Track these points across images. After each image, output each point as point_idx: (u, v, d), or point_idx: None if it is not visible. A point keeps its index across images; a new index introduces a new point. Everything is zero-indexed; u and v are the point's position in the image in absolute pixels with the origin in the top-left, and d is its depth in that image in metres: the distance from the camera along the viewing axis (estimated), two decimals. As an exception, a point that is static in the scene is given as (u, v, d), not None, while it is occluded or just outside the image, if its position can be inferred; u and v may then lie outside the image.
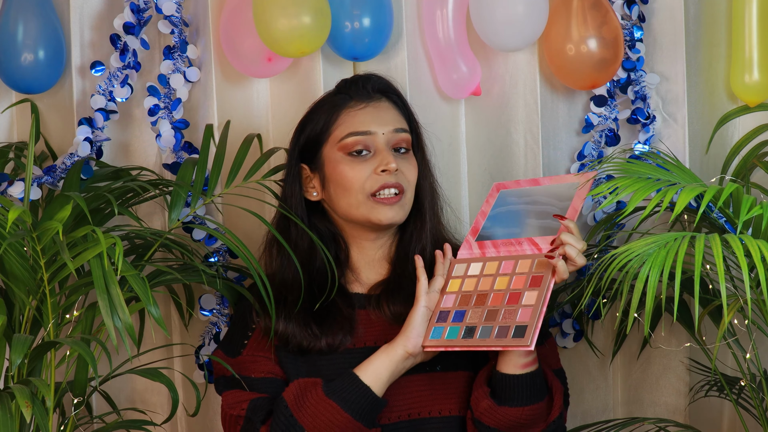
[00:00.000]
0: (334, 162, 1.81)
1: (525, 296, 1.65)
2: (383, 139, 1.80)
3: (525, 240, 1.73)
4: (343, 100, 1.84)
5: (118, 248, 1.60)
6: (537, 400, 1.69)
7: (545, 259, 1.66)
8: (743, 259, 1.48)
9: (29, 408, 1.56)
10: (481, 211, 1.83)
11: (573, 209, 1.71)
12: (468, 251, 1.79)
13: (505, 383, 1.69)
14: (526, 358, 1.68)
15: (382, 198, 1.78)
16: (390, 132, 1.81)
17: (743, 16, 2.11)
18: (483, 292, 1.70)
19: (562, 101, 2.19)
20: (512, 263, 1.71)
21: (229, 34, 2.06)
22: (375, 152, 1.80)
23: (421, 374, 1.76)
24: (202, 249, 2.08)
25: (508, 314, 1.64)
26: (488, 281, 1.71)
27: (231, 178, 1.95)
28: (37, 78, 2.09)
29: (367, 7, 2.05)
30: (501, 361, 1.70)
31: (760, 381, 1.96)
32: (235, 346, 1.81)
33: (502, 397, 1.69)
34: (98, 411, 2.10)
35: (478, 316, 1.67)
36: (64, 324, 1.83)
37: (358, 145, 1.79)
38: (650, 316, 1.52)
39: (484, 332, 1.65)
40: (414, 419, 1.75)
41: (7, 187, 2.00)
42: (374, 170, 1.79)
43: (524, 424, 1.69)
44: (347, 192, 1.80)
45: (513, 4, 2.03)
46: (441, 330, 1.70)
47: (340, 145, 1.80)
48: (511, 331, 1.62)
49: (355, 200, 1.79)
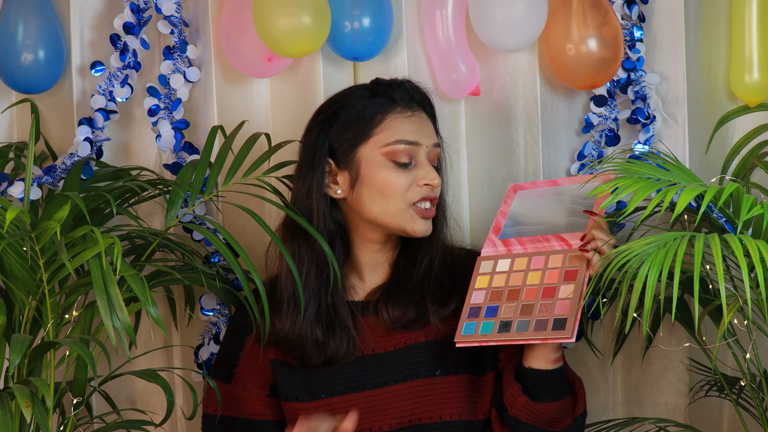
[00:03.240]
0: (374, 165, 1.77)
1: (560, 290, 1.68)
2: (425, 151, 1.80)
3: (553, 237, 1.75)
4: (388, 103, 1.80)
5: (117, 248, 1.60)
6: (566, 395, 1.71)
7: (578, 253, 1.69)
8: (742, 259, 1.48)
9: (29, 408, 1.55)
10: (500, 211, 1.86)
11: (598, 206, 1.75)
12: (492, 249, 1.80)
13: (539, 379, 1.69)
14: (556, 354, 1.69)
15: (424, 210, 1.78)
16: (431, 146, 1.81)
17: (743, 16, 2.11)
18: (515, 288, 1.72)
19: (562, 101, 2.19)
20: (543, 259, 1.74)
21: (229, 34, 2.06)
22: (417, 164, 1.78)
23: (420, 379, 1.76)
24: (203, 249, 2.08)
25: (544, 308, 1.67)
26: (519, 277, 1.74)
27: (230, 175, 1.94)
28: (37, 78, 2.09)
29: (367, 7, 2.05)
30: (530, 358, 1.70)
31: (760, 381, 1.96)
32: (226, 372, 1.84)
33: (535, 393, 1.69)
34: (98, 411, 2.10)
35: (512, 311, 1.69)
36: (63, 324, 1.83)
37: (405, 155, 1.77)
38: (650, 316, 1.52)
39: (520, 326, 1.66)
40: (415, 425, 1.75)
41: (7, 187, 2.00)
42: (416, 182, 1.77)
43: (557, 419, 1.70)
44: (386, 198, 1.77)
45: (513, 4, 2.03)
46: (474, 325, 1.70)
47: (386, 150, 1.77)
48: (551, 324, 1.64)
49: (394, 207, 1.77)
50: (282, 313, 1.78)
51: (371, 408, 1.75)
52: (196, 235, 2.05)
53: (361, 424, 1.75)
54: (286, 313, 1.77)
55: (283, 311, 1.78)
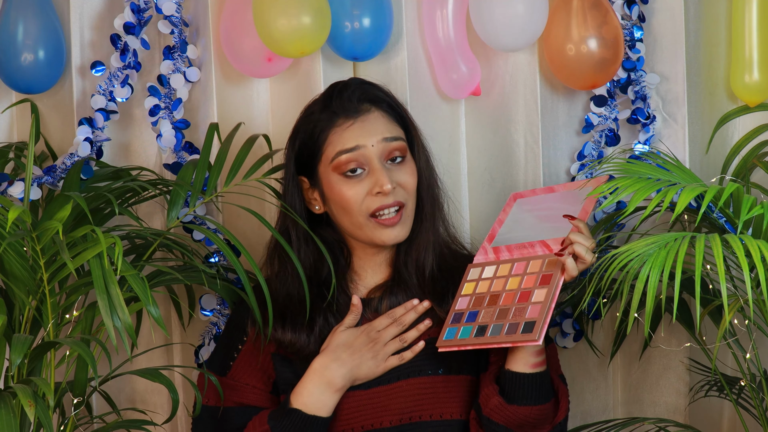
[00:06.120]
0: (330, 182, 1.78)
1: (535, 294, 1.69)
2: (374, 151, 1.77)
3: (537, 242, 1.76)
4: (330, 119, 1.79)
5: (118, 248, 1.60)
6: (544, 400, 1.70)
7: (555, 258, 1.70)
8: (744, 259, 1.48)
9: (32, 407, 1.55)
10: (498, 219, 1.87)
11: (584, 211, 1.74)
12: (483, 256, 1.82)
13: (515, 382, 1.69)
14: (536, 358, 1.69)
15: (384, 219, 1.77)
16: (379, 142, 1.77)
17: (743, 16, 2.11)
18: (496, 293, 1.74)
19: (562, 101, 2.19)
20: (524, 264, 1.75)
21: (229, 34, 2.06)
22: (369, 170, 1.77)
23: (422, 377, 1.77)
24: (203, 249, 2.08)
25: (518, 312, 1.68)
26: (501, 282, 1.75)
27: (231, 176, 1.95)
28: (37, 78, 2.09)
29: (367, 7, 2.05)
30: (511, 360, 1.71)
31: (760, 381, 1.96)
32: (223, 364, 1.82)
33: (511, 396, 1.69)
34: (98, 411, 2.09)
35: (489, 316, 1.70)
36: (63, 324, 1.83)
37: (350, 163, 1.76)
38: (650, 317, 1.52)
39: (494, 330, 1.68)
40: (415, 422, 1.75)
41: (7, 187, 1.99)
42: (369, 191, 1.76)
43: (532, 423, 1.70)
44: (347, 213, 1.78)
45: (513, 4, 2.03)
46: (455, 330, 1.72)
47: (332, 165, 1.77)
48: (521, 327, 1.65)
49: (357, 221, 1.78)
50: (285, 324, 1.78)
51: (373, 404, 1.76)
52: (196, 234, 2.05)
53: (362, 420, 1.75)
54: (289, 326, 1.78)
55: (286, 323, 1.78)
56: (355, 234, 1.80)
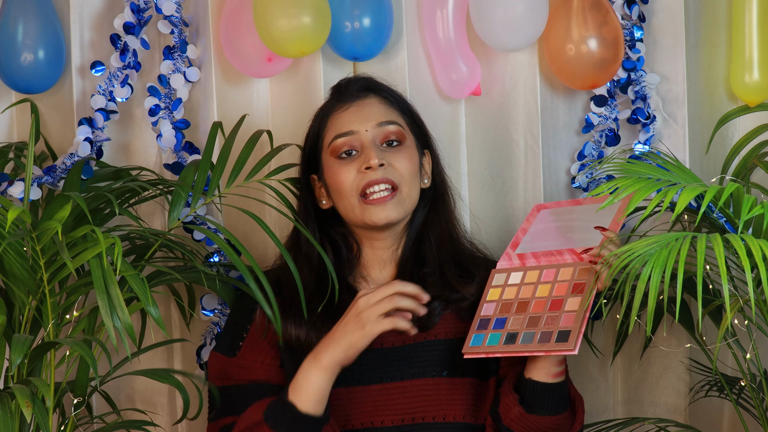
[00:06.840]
0: (328, 168, 1.81)
1: (567, 302, 1.67)
2: (368, 135, 1.79)
3: (566, 251, 1.75)
4: (330, 106, 1.85)
5: (117, 248, 1.60)
6: (563, 410, 1.70)
7: (587, 266, 1.68)
8: (746, 258, 1.48)
9: (29, 408, 1.55)
10: (522, 228, 1.87)
11: (615, 223, 1.74)
12: (507, 262, 1.81)
13: (536, 391, 1.68)
14: (558, 368, 1.68)
15: (373, 199, 1.77)
16: (374, 127, 1.80)
17: (743, 16, 2.12)
18: (524, 300, 1.72)
19: (562, 101, 2.19)
20: (553, 271, 1.73)
21: (229, 34, 2.06)
22: (361, 152, 1.79)
23: (427, 379, 1.76)
24: (203, 249, 2.08)
25: (550, 320, 1.66)
26: (529, 289, 1.73)
27: (233, 178, 1.94)
28: (37, 78, 2.09)
29: (367, 7, 2.05)
30: (532, 369, 1.69)
31: (760, 381, 1.96)
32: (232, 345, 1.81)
33: (531, 405, 1.69)
34: (98, 411, 2.09)
35: (519, 323, 1.68)
36: (63, 324, 1.83)
37: (344, 147, 1.79)
38: (652, 317, 1.52)
39: (526, 338, 1.66)
40: (418, 423, 1.75)
41: (7, 187, 1.99)
42: (359, 169, 1.78)
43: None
44: (342, 195, 1.79)
45: (513, 4, 2.03)
46: (482, 337, 1.70)
47: (329, 150, 1.81)
48: (554, 336, 1.63)
49: (349, 203, 1.79)
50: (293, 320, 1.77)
51: (375, 403, 1.75)
52: (196, 235, 2.05)
53: (364, 418, 1.74)
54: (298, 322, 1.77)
55: (294, 319, 1.77)
56: (351, 218, 1.81)
